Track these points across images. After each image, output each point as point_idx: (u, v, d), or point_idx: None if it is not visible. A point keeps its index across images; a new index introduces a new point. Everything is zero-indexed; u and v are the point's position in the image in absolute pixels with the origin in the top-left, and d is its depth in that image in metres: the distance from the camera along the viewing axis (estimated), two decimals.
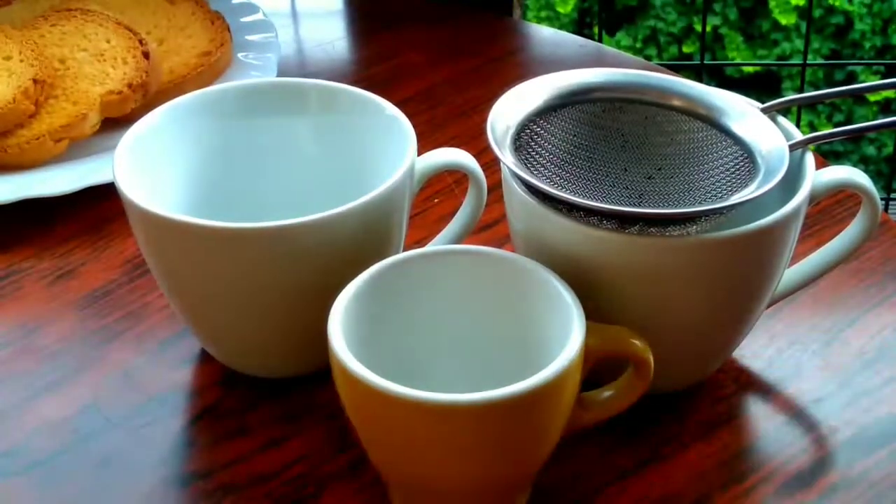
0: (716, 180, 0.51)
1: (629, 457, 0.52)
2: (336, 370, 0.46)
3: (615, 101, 0.54)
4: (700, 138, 0.53)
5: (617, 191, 0.52)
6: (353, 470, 0.52)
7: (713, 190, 0.51)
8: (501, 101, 0.53)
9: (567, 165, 0.52)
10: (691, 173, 0.52)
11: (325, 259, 0.51)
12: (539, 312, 0.49)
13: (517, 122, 0.52)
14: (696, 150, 0.53)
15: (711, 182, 0.52)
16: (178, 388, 0.57)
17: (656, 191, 0.52)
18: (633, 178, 0.53)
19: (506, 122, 0.52)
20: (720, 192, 0.51)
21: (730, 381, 0.56)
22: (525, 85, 0.54)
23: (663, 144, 0.53)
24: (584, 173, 0.52)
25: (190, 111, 0.58)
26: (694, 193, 0.51)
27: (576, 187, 0.52)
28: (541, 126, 0.53)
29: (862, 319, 0.59)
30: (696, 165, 0.53)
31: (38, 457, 0.53)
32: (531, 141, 0.52)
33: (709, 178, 0.52)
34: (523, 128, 0.52)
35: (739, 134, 0.52)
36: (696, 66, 1.16)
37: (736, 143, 0.52)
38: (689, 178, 0.52)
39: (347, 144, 0.59)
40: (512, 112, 0.53)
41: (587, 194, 0.52)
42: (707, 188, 0.51)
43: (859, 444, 0.53)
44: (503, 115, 0.52)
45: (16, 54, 0.74)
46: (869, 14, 2.74)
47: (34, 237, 0.67)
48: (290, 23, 0.92)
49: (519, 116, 0.53)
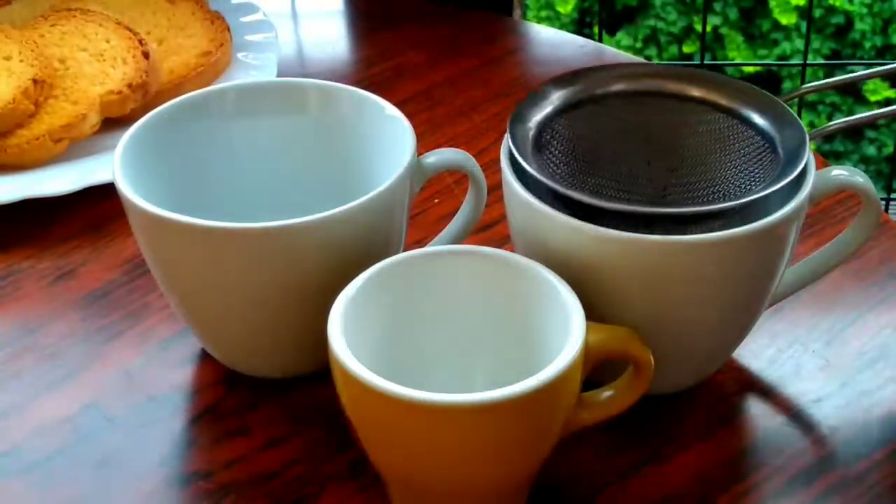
0: (739, 171, 0.52)
1: (629, 457, 0.52)
2: (336, 370, 0.46)
3: (638, 95, 0.54)
4: (721, 129, 0.53)
5: (641, 185, 0.52)
6: (353, 470, 0.52)
7: (737, 181, 0.51)
8: (522, 102, 0.53)
9: (591, 161, 0.52)
10: (715, 164, 0.52)
11: (325, 259, 0.51)
12: (539, 312, 0.49)
13: (538, 122, 0.52)
14: (718, 140, 0.53)
15: (735, 173, 0.52)
16: (178, 388, 0.57)
17: (680, 183, 0.52)
18: (656, 171, 0.53)
19: (526, 123, 0.52)
20: (744, 182, 0.51)
21: (730, 381, 0.56)
22: (545, 84, 0.54)
23: (686, 136, 0.53)
24: (608, 168, 0.52)
25: (190, 111, 0.58)
26: (718, 185, 0.51)
27: (599, 183, 0.52)
28: (562, 124, 0.53)
29: (862, 319, 0.59)
30: (719, 156, 0.53)
31: (38, 457, 0.53)
32: (553, 140, 0.53)
33: (732, 169, 0.52)
34: (544, 127, 0.53)
35: (760, 123, 0.52)
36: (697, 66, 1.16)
37: (757, 132, 0.52)
38: (713, 169, 0.52)
39: (347, 144, 0.59)
40: (533, 112, 0.53)
41: (611, 189, 0.51)
42: (731, 179, 0.51)
43: (859, 444, 0.53)
44: (524, 116, 0.52)
45: (16, 54, 0.74)
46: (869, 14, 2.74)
47: (34, 237, 0.67)
48: (290, 23, 0.92)
49: (540, 116, 0.53)
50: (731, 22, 2.83)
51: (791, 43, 2.79)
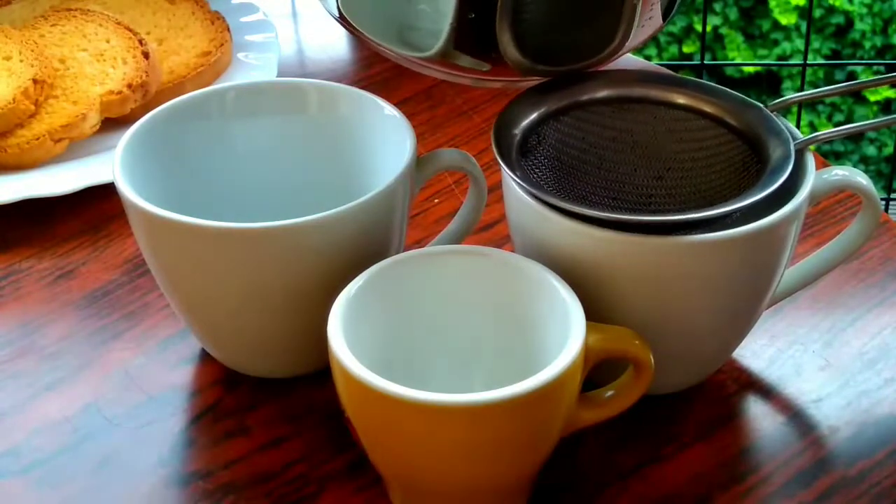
0: (725, 179, 0.52)
1: (629, 457, 0.52)
2: (336, 370, 0.46)
3: (624, 101, 0.54)
4: (708, 136, 0.53)
5: (627, 191, 0.52)
6: (353, 470, 0.52)
7: (722, 189, 0.51)
8: (507, 108, 0.53)
9: (577, 167, 0.53)
10: (700, 172, 0.53)
11: (325, 259, 0.51)
12: (539, 312, 0.49)
13: (523, 127, 0.52)
14: (704, 148, 0.53)
15: (721, 181, 0.52)
16: (178, 388, 0.57)
17: (665, 191, 0.52)
18: (642, 179, 0.53)
19: (512, 129, 0.52)
20: (729, 190, 0.51)
21: (730, 381, 0.56)
22: (531, 89, 0.54)
23: (672, 143, 0.53)
24: (594, 174, 0.53)
25: (190, 111, 0.58)
26: (703, 193, 0.51)
27: (585, 190, 0.52)
28: (549, 129, 0.53)
29: (862, 319, 0.59)
30: (705, 164, 0.53)
31: (38, 457, 0.53)
32: (538, 145, 0.53)
33: (718, 177, 0.52)
34: (531, 132, 0.53)
35: (746, 131, 0.52)
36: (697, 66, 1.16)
37: (744, 140, 0.52)
38: (699, 177, 0.52)
39: (347, 144, 0.59)
40: (518, 118, 0.53)
41: (597, 196, 0.52)
42: (717, 187, 0.51)
43: (859, 444, 0.53)
44: (509, 121, 0.52)
45: (16, 54, 0.74)
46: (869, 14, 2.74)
47: (34, 237, 0.67)
48: (290, 23, 0.92)
49: (525, 121, 0.53)
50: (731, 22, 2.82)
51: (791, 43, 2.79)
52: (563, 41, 0.53)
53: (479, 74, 0.55)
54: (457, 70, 0.55)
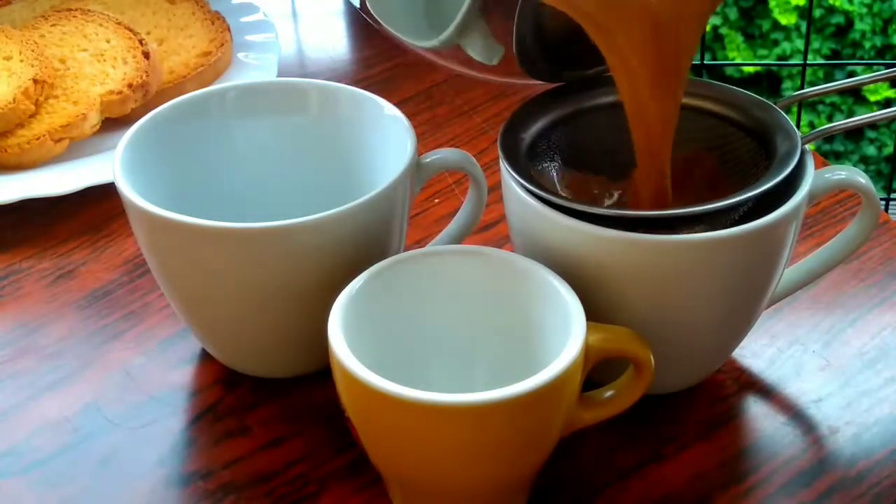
0: (735, 176, 0.52)
1: (629, 457, 0.52)
2: (336, 370, 0.46)
3: None
4: (717, 135, 0.54)
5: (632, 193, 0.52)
6: (353, 470, 0.52)
7: (732, 185, 0.51)
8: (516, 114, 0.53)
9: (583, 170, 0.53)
10: (710, 170, 0.53)
11: (325, 259, 0.51)
12: (539, 312, 0.49)
13: (533, 133, 0.53)
14: (713, 146, 0.53)
15: (730, 178, 0.52)
16: (178, 388, 0.57)
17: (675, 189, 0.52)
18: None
19: (520, 134, 0.52)
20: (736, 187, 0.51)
21: (730, 381, 0.56)
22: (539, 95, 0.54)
23: (682, 142, 0.53)
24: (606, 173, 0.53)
25: (190, 111, 0.58)
26: (714, 190, 0.51)
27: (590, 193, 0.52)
28: (559, 134, 0.54)
29: (862, 319, 0.59)
30: (715, 161, 0.53)
31: (38, 457, 0.53)
32: (548, 150, 0.53)
33: (728, 174, 0.52)
34: (540, 137, 0.53)
35: (754, 128, 0.53)
36: (697, 66, 1.15)
37: (752, 137, 0.52)
38: (709, 174, 0.52)
39: (347, 144, 0.59)
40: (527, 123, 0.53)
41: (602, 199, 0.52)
42: (727, 184, 0.52)
43: (859, 444, 0.53)
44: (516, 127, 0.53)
45: (16, 54, 0.74)
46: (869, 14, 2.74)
47: (34, 237, 0.67)
48: (291, 23, 0.92)
49: (535, 128, 0.53)
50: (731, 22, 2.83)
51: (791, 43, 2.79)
52: (575, 48, 0.53)
53: (490, 71, 0.55)
54: (470, 62, 0.54)
